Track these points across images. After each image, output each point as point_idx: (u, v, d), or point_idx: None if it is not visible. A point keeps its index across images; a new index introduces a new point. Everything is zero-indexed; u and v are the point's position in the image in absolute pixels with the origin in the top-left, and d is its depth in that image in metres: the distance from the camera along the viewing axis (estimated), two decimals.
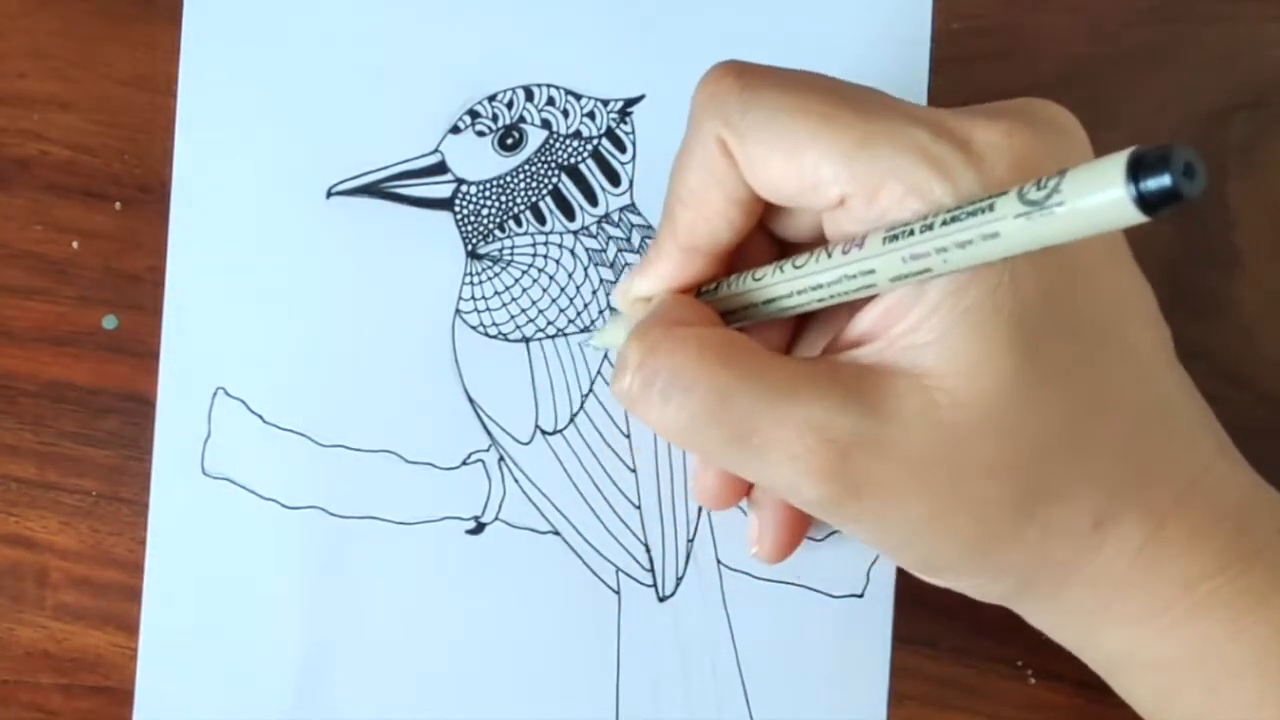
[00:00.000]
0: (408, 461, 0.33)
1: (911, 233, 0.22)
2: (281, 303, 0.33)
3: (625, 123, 0.34)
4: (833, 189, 0.24)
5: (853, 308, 0.25)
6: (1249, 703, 0.25)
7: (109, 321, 0.34)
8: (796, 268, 0.25)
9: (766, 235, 0.28)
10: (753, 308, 0.26)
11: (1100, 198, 0.18)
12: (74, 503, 0.33)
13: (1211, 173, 0.34)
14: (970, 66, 0.34)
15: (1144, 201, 0.18)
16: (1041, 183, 0.20)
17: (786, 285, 0.25)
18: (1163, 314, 0.27)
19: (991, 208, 0.21)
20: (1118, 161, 0.18)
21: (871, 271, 0.23)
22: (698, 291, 0.28)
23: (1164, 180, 0.17)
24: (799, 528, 0.30)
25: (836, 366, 0.24)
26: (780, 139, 0.24)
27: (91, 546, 0.33)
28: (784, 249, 0.28)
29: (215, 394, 0.33)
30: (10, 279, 0.34)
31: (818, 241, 0.26)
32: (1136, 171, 0.18)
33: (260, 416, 0.33)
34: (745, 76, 0.25)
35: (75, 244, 0.34)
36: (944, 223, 0.21)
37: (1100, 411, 0.24)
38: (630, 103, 0.34)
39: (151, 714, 0.33)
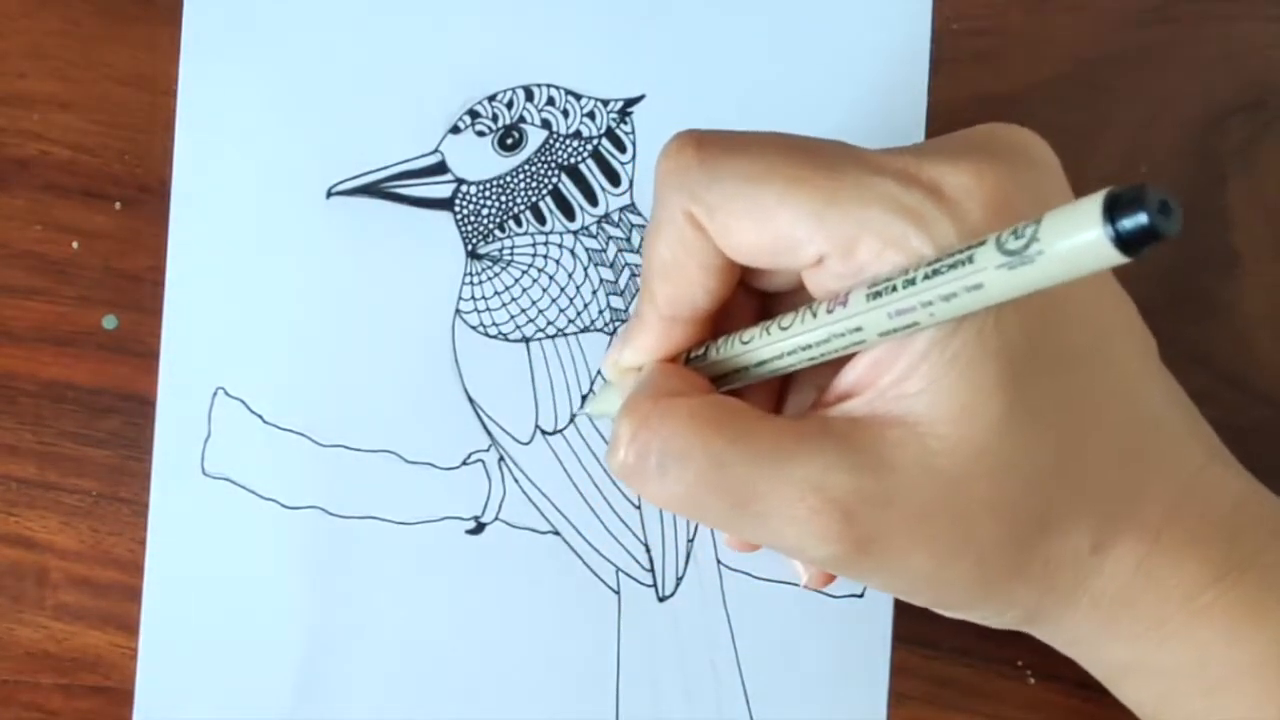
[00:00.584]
0: (408, 461, 0.33)
1: (894, 288, 0.22)
2: (281, 303, 0.33)
3: (625, 123, 0.34)
4: (808, 249, 0.23)
5: (840, 359, 0.25)
6: (1248, 705, 0.26)
7: (109, 321, 0.34)
8: (783, 329, 0.25)
9: (747, 289, 0.28)
10: (742, 370, 0.26)
11: (1078, 240, 0.18)
12: (74, 503, 0.33)
13: (1210, 174, 0.34)
14: (970, 66, 0.34)
15: (1123, 242, 0.17)
16: (1019, 230, 0.19)
17: (774, 347, 0.25)
18: (1161, 315, 0.27)
19: (971, 259, 0.20)
20: (1093, 203, 0.18)
21: (859, 329, 0.23)
22: (686, 357, 0.27)
23: (1140, 219, 0.17)
24: None
25: (829, 423, 0.24)
26: (749, 207, 0.24)
27: (91, 546, 0.33)
28: (766, 301, 0.28)
29: (215, 394, 0.33)
30: (10, 279, 0.34)
31: (799, 291, 0.25)
32: (1112, 212, 0.17)
33: (260, 416, 0.33)
34: (705, 148, 0.24)
35: (75, 244, 0.34)
36: (925, 276, 0.21)
37: (1091, 437, 0.25)
38: (630, 103, 0.34)
39: (151, 714, 0.33)
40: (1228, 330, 0.34)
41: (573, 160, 0.34)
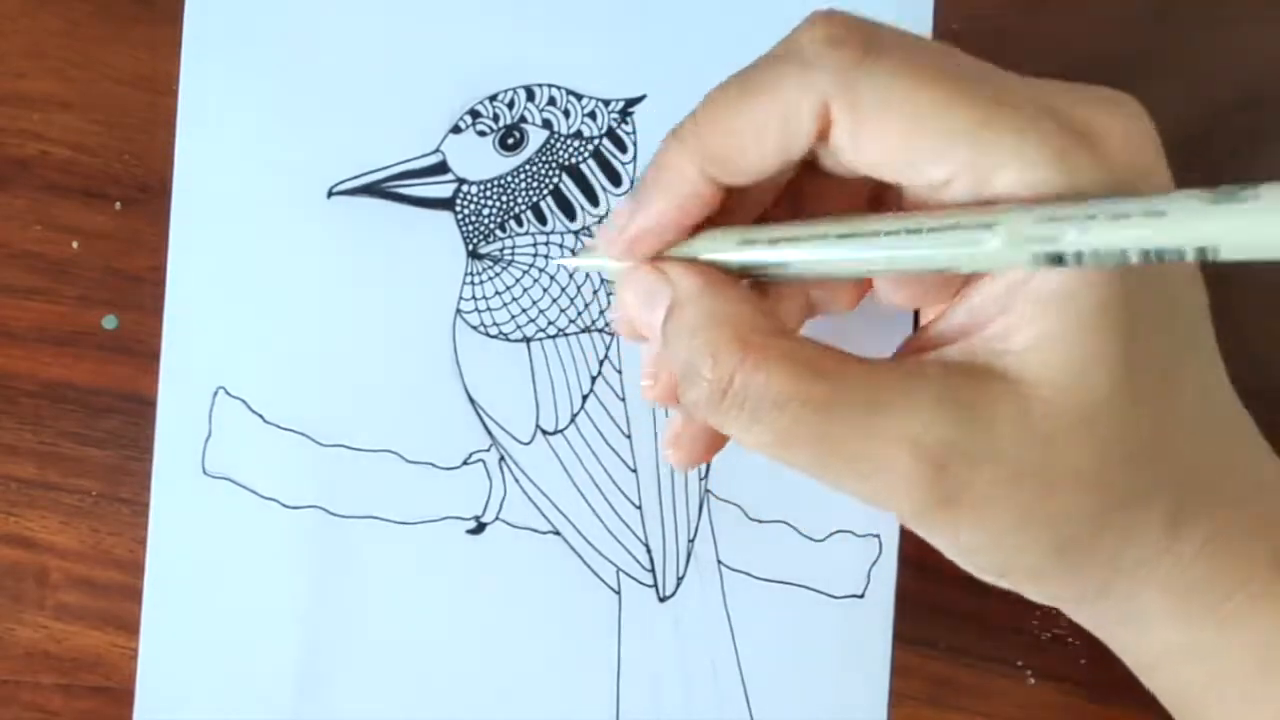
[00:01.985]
0: (408, 461, 0.33)
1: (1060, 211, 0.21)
2: (282, 303, 0.33)
3: (626, 123, 0.34)
4: (943, 167, 0.22)
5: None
6: None
7: (109, 321, 0.34)
8: (890, 234, 0.23)
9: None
10: (812, 265, 0.24)
11: None
12: (74, 503, 0.33)
13: (1211, 174, 0.34)
14: None
15: None
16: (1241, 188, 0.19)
17: (877, 253, 0.23)
18: None
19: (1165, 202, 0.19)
20: None
21: (992, 224, 0.21)
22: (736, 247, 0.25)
23: None
24: (718, 445, 0.28)
25: (925, 369, 0.23)
26: (903, 106, 0.22)
27: (91, 546, 0.33)
28: (794, 189, 0.26)
29: (215, 394, 0.33)
30: (10, 279, 0.34)
31: (827, 179, 0.24)
32: None
33: (261, 416, 0.33)
34: (873, 40, 0.23)
35: (75, 244, 0.34)
36: (1092, 211, 0.20)
37: (1183, 418, 0.24)
38: (631, 103, 0.34)
39: (151, 714, 0.33)
40: (1226, 331, 0.33)
41: (574, 160, 0.34)
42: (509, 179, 0.34)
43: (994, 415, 0.23)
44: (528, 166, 0.34)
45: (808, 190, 0.27)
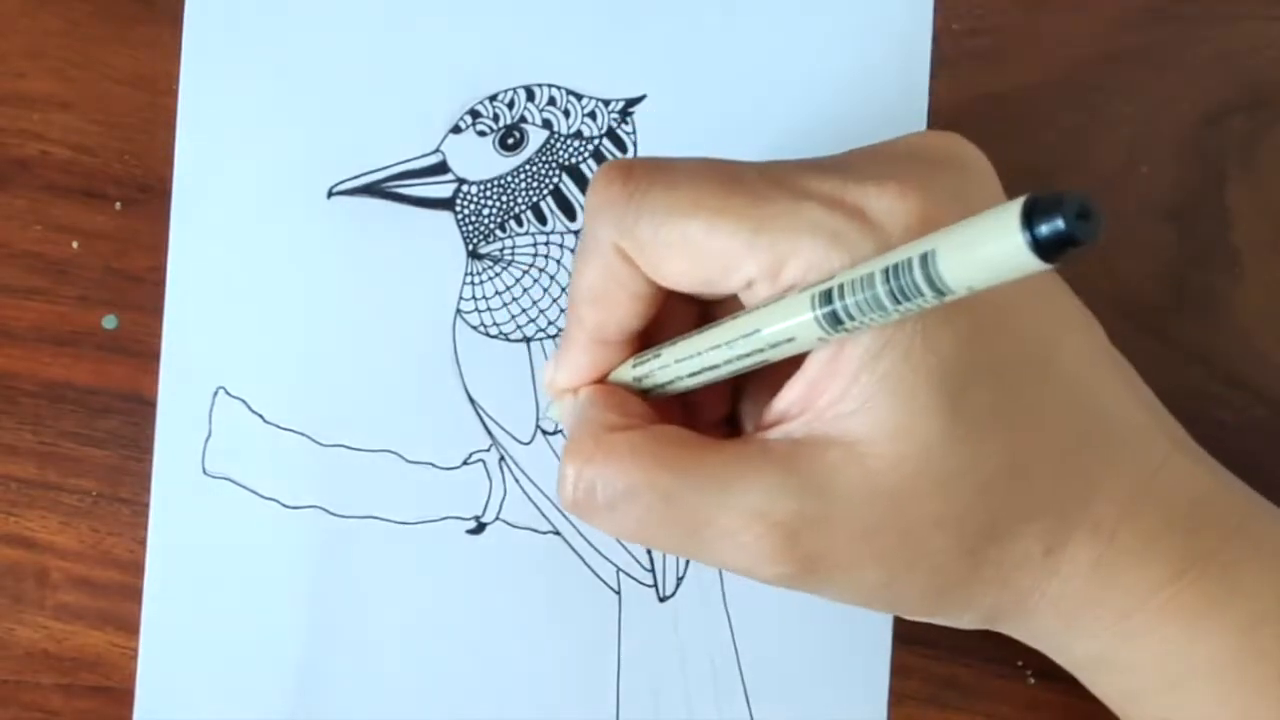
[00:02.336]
0: (408, 461, 0.33)
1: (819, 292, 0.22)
2: (282, 303, 0.33)
3: (626, 123, 0.34)
4: (737, 275, 0.24)
5: (781, 368, 0.25)
6: (1211, 701, 0.26)
7: (109, 321, 0.34)
8: (701, 339, 0.25)
9: (683, 301, 0.28)
10: (673, 383, 0.26)
11: (994, 248, 0.18)
12: (74, 503, 0.33)
13: (1210, 174, 0.34)
14: (970, 66, 0.34)
15: (1041, 248, 0.17)
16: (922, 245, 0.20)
17: (693, 361, 0.25)
18: (1161, 315, 0.27)
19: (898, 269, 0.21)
20: (1010, 211, 0.18)
21: (790, 338, 0.23)
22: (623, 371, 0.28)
23: (1057, 224, 0.17)
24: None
25: (769, 446, 0.25)
26: (677, 239, 0.24)
27: (91, 546, 0.33)
28: (703, 306, 0.28)
29: (215, 394, 0.33)
30: (10, 279, 0.34)
31: (733, 298, 0.26)
32: (1031, 218, 0.17)
33: (261, 416, 0.33)
34: (631, 181, 0.25)
35: (75, 244, 0.34)
36: (857, 284, 0.21)
37: (1036, 445, 0.25)
38: (631, 103, 0.34)
39: (151, 714, 0.33)
40: (1228, 330, 0.34)
41: (574, 160, 0.34)
42: (509, 179, 0.34)
43: (835, 480, 0.24)
44: (528, 166, 0.34)
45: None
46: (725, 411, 0.29)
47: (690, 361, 0.26)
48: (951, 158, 0.25)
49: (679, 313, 0.28)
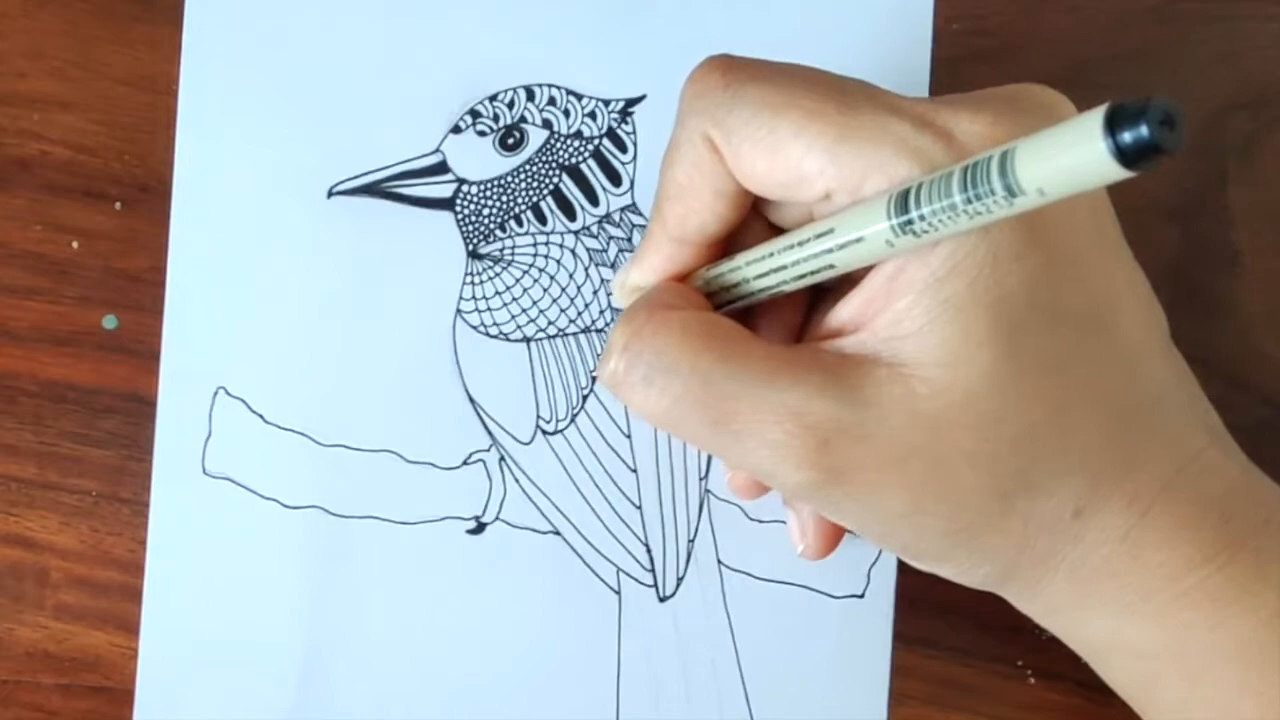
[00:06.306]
0: (408, 461, 0.33)
1: (896, 199, 0.22)
2: (282, 303, 0.33)
3: (626, 123, 0.34)
4: (817, 184, 0.24)
5: (838, 291, 0.25)
6: (1229, 693, 0.25)
7: (109, 321, 0.34)
8: (777, 249, 0.25)
9: (764, 222, 0.28)
10: (742, 289, 0.26)
11: (1079, 153, 0.18)
12: (74, 503, 0.33)
13: (1211, 173, 0.34)
14: (970, 66, 0.34)
15: (1124, 156, 0.17)
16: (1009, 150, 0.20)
17: (765, 263, 0.25)
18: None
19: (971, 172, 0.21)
20: (1095, 117, 0.18)
21: (859, 240, 0.23)
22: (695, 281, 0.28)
23: (1140, 131, 0.17)
24: (837, 536, 0.30)
25: (818, 353, 0.24)
26: (765, 135, 0.24)
27: (91, 546, 0.33)
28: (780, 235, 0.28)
29: (216, 394, 0.33)
30: (10, 279, 0.34)
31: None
32: (1114, 125, 0.17)
33: (261, 416, 0.33)
34: (731, 73, 0.25)
35: (75, 244, 0.34)
36: (937, 190, 0.21)
37: (1085, 402, 0.24)
38: (631, 103, 0.34)
39: (151, 714, 0.33)
40: (1229, 329, 0.34)
41: (574, 160, 0.34)
42: (509, 179, 0.34)
43: (878, 396, 0.24)
44: (528, 166, 0.34)
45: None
46: (791, 338, 0.29)
47: (761, 263, 0.25)
48: (1044, 106, 0.25)
49: (757, 239, 0.27)
